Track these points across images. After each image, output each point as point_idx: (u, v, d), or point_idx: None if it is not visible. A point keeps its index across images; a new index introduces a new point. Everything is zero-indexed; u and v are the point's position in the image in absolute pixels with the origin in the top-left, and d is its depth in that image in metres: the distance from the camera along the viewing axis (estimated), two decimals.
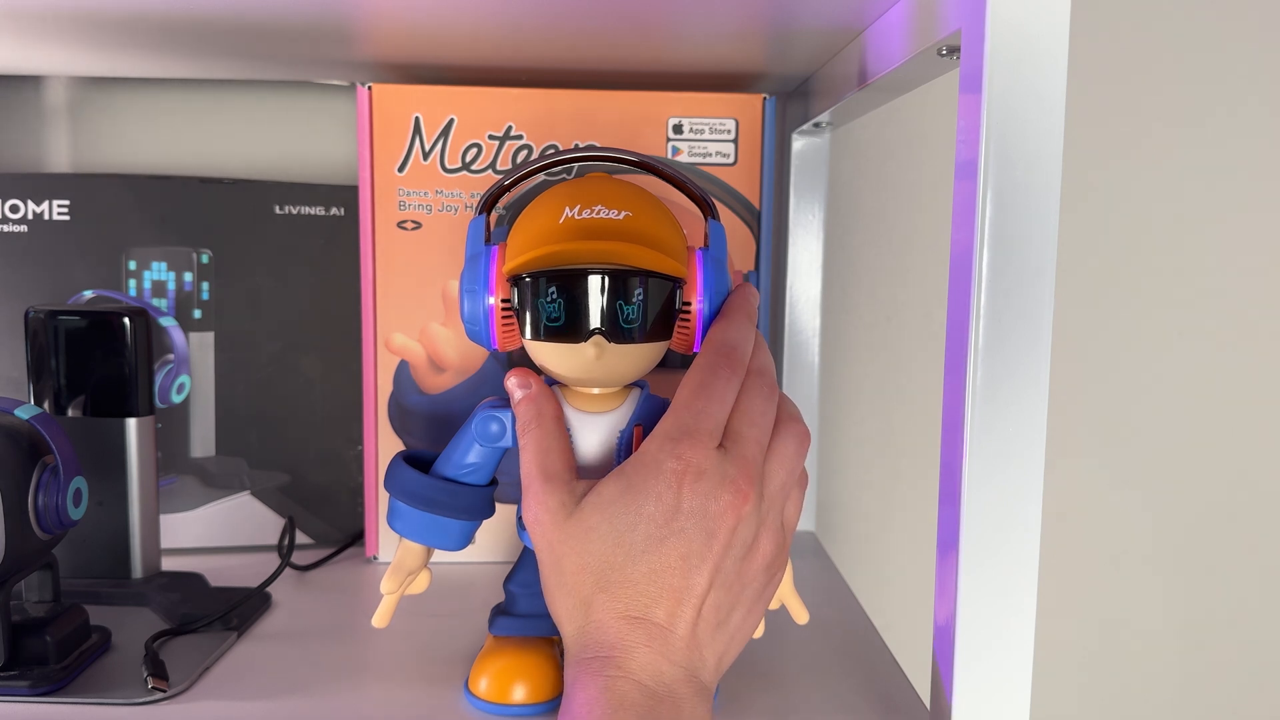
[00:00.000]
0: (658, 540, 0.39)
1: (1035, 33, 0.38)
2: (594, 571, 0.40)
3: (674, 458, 0.40)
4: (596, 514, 0.40)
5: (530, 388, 0.44)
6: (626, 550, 0.40)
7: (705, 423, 0.41)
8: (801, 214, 0.72)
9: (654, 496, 0.40)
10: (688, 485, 0.40)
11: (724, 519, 0.40)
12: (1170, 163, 0.80)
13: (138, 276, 0.66)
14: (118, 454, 0.57)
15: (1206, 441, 0.82)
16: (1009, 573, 0.40)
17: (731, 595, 0.41)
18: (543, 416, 0.44)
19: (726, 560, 0.40)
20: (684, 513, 0.40)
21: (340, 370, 0.69)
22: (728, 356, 0.43)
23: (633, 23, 0.53)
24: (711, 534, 0.40)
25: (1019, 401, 0.39)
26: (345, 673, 0.50)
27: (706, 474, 0.40)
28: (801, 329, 0.73)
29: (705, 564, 0.40)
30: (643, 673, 0.39)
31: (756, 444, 0.41)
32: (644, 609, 0.39)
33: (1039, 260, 0.39)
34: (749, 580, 0.41)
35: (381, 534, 0.66)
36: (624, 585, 0.40)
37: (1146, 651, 0.84)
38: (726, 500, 0.40)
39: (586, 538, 0.40)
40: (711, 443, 0.40)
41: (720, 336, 0.43)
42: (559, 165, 0.48)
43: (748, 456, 0.41)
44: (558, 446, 0.43)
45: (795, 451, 0.43)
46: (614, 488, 0.41)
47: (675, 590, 0.39)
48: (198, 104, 0.76)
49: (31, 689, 0.46)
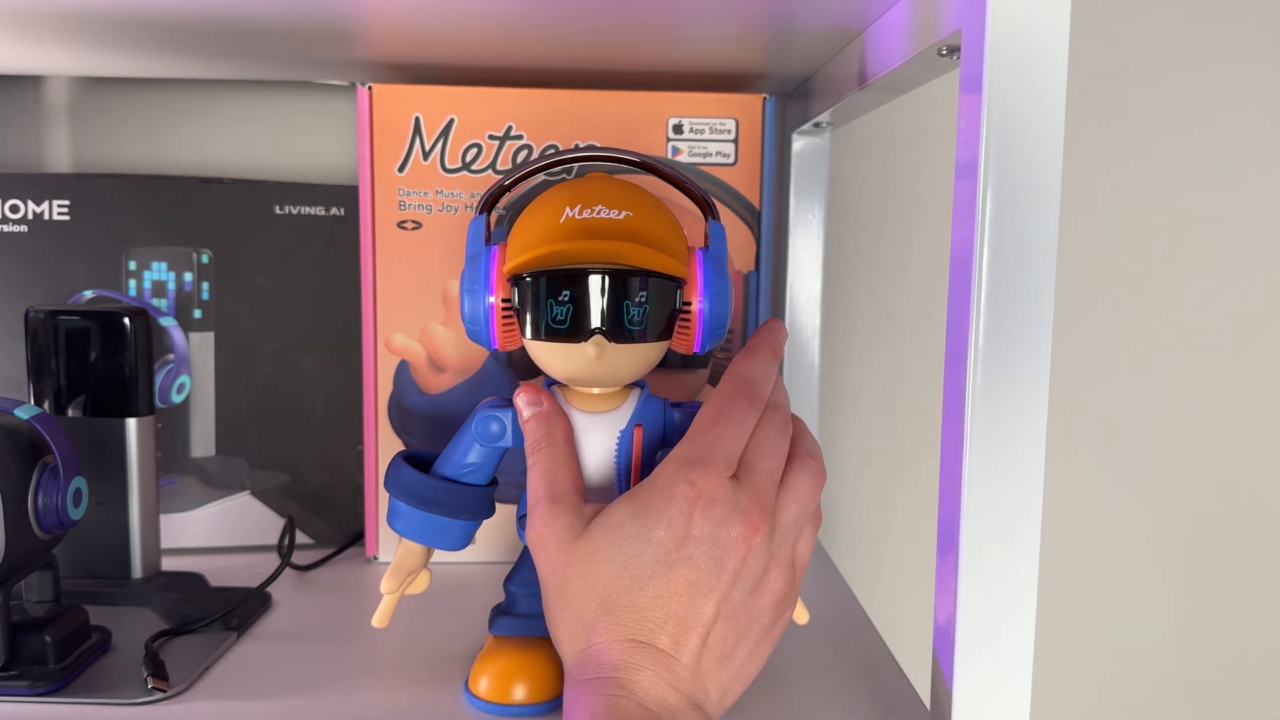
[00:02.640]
0: (666, 566, 0.39)
1: (1035, 33, 0.38)
2: (599, 595, 0.39)
3: (687, 483, 0.39)
4: (604, 536, 0.40)
5: (541, 405, 0.44)
6: (634, 575, 0.39)
7: (720, 451, 0.40)
8: (801, 214, 0.72)
9: (665, 522, 0.39)
10: (699, 512, 0.39)
11: (734, 549, 0.39)
12: (1170, 163, 0.80)
13: (138, 276, 0.66)
14: (118, 454, 0.57)
15: (1207, 441, 0.82)
16: (1009, 572, 0.40)
17: (738, 628, 0.40)
18: (553, 436, 0.43)
19: (735, 591, 0.39)
20: (694, 540, 0.39)
21: (340, 370, 0.69)
22: (748, 389, 0.42)
23: (633, 23, 0.53)
24: (721, 563, 0.39)
25: (1019, 401, 0.39)
26: (345, 673, 0.50)
27: (719, 502, 0.39)
28: (801, 329, 0.73)
29: (713, 593, 0.39)
30: (645, 695, 0.38)
31: (770, 476, 0.41)
32: (648, 634, 0.39)
33: (1039, 260, 0.39)
34: (757, 615, 0.41)
35: (381, 534, 0.66)
36: (629, 610, 0.39)
37: (1146, 651, 0.84)
38: (738, 530, 0.39)
39: (593, 560, 0.40)
40: (726, 471, 0.40)
41: (743, 369, 0.43)
42: (559, 165, 0.48)
43: (761, 488, 0.40)
44: (566, 468, 0.43)
45: (809, 487, 0.42)
46: (624, 511, 0.40)
47: (681, 618, 0.39)
48: (198, 104, 0.76)
49: (31, 689, 0.46)
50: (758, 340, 0.45)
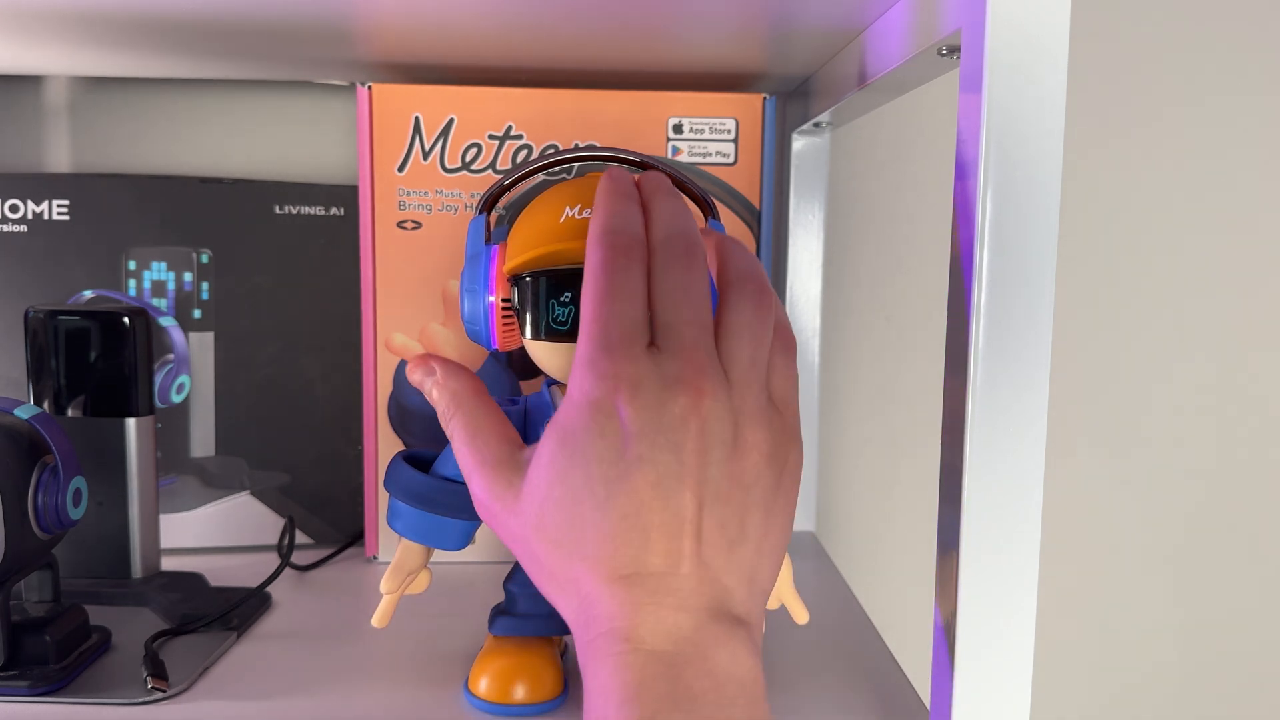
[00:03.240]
0: (619, 477, 0.33)
1: (1035, 33, 0.38)
2: (566, 542, 0.34)
3: (597, 380, 0.34)
4: (543, 479, 0.35)
5: (435, 372, 0.40)
6: (591, 504, 0.34)
7: (616, 328, 0.34)
8: (801, 214, 0.72)
9: (595, 432, 0.34)
10: (625, 403, 0.34)
11: (685, 425, 0.34)
12: (1170, 162, 0.80)
13: (137, 276, 0.66)
14: (117, 454, 0.57)
15: (1208, 441, 0.82)
16: (1009, 572, 0.40)
17: (734, 504, 0.34)
18: (460, 396, 0.39)
19: (709, 469, 0.34)
20: (635, 436, 0.33)
21: (340, 370, 0.69)
22: (610, 243, 0.36)
23: (633, 23, 0.53)
24: (677, 446, 0.33)
25: (1019, 401, 0.39)
26: (345, 673, 0.50)
27: (643, 383, 0.34)
28: (801, 329, 0.73)
29: (684, 482, 0.33)
30: (654, 637, 0.33)
31: (694, 325, 0.35)
32: (634, 561, 0.33)
33: (1039, 260, 0.39)
34: (751, 481, 0.35)
35: (381, 534, 0.66)
36: (602, 542, 0.34)
37: (1147, 651, 0.84)
38: (680, 403, 0.34)
39: (543, 508, 0.35)
40: (635, 347, 0.34)
41: (593, 229, 0.37)
42: (559, 165, 0.48)
43: (687, 344, 0.34)
44: (488, 423, 0.38)
45: (753, 317, 0.36)
46: (551, 443, 0.35)
47: (662, 526, 0.33)
48: (198, 104, 0.76)
49: (31, 689, 0.46)
50: (599, 190, 0.38)
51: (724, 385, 0.35)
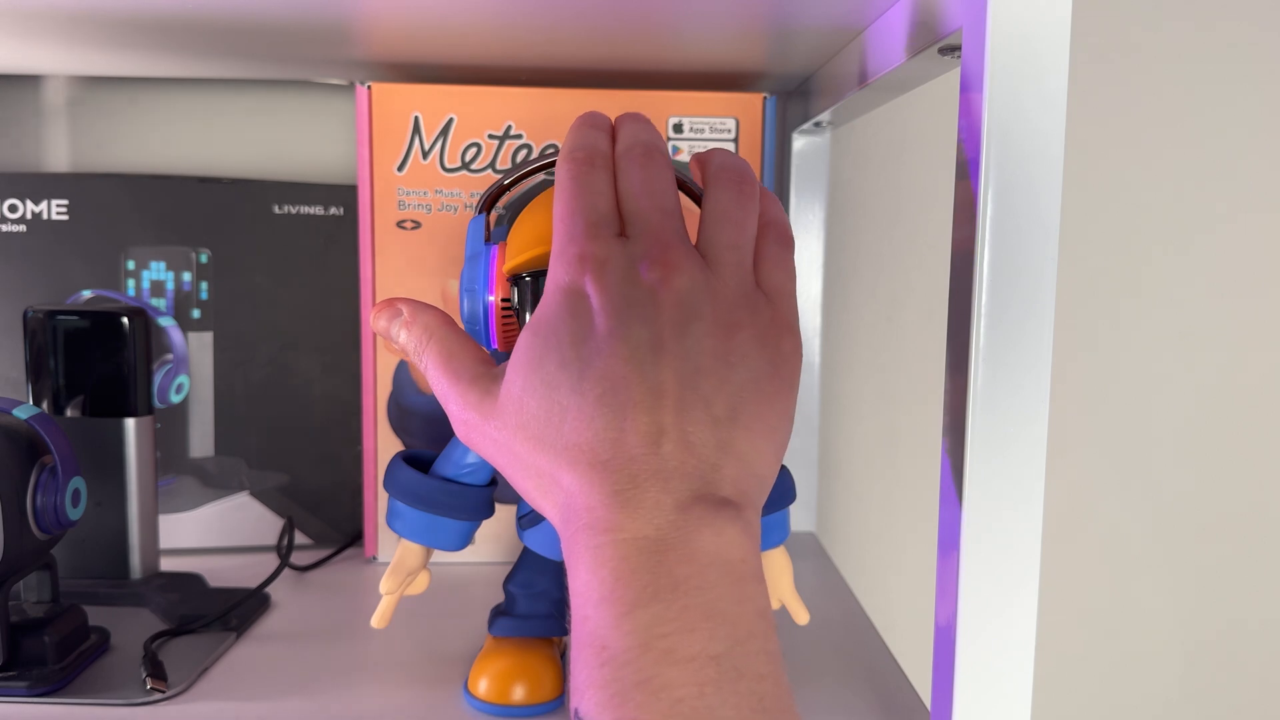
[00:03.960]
0: (593, 355, 0.33)
1: (1035, 32, 0.38)
2: (546, 436, 0.33)
3: (565, 266, 0.34)
4: (520, 372, 0.34)
5: (402, 313, 0.39)
6: (568, 385, 0.33)
7: (581, 220, 0.35)
8: (801, 214, 0.72)
9: (567, 314, 0.33)
10: (594, 282, 0.33)
11: (656, 299, 0.33)
12: (1171, 162, 0.80)
13: (136, 276, 0.66)
14: (116, 454, 0.57)
15: (1209, 441, 0.82)
16: (1009, 573, 0.40)
17: (717, 378, 0.33)
18: (431, 328, 0.38)
19: (686, 340, 0.33)
20: (606, 312, 0.33)
21: (340, 370, 0.69)
22: (574, 158, 0.36)
23: (633, 22, 0.53)
24: (650, 319, 0.33)
25: (1020, 401, 0.39)
26: (345, 673, 0.50)
27: (611, 260, 0.33)
28: (802, 329, 0.72)
29: (660, 354, 0.33)
30: (634, 523, 0.31)
31: (662, 211, 0.35)
32: (613, 444, 0.32)
33: (1039, 260, 0.39)
34: (737, 359, 0.33)
35: (381, 534, 0.66)
36: (579, 428, 0.32)
37: (1147, 651, 0.84)
38: (649, 277, 0.33)
39: (521, 402, 0.34)
40: (603, 233, 0.34)
41: (563, 152, 0.37)
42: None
43: (654, 226, 0.34)
44: (461, 349, 0.38)
45: (734, 203, 0.36)
46: (526, 337, 0.35)
47: (640, 402, 0.32)
48: (198, 104, 0.76)
49: (30, 689, 0.46)
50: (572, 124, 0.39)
51: (697, 263, 0.34)
